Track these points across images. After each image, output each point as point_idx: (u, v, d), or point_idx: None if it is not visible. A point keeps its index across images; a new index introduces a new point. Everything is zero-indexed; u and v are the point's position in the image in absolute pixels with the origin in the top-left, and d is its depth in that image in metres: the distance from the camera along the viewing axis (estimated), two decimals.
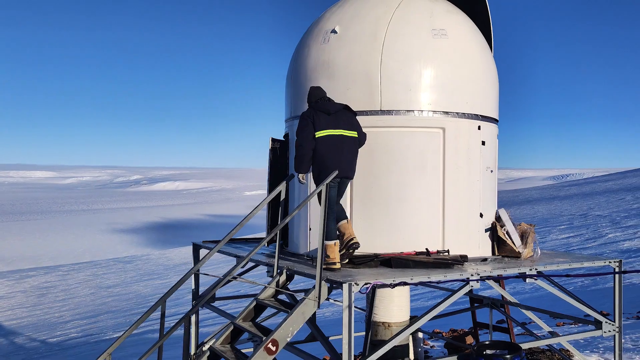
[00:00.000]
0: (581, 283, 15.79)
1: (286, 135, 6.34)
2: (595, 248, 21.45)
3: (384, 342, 5.07)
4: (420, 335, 7.25)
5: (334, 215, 5.11)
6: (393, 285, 4.34)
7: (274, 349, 4.28)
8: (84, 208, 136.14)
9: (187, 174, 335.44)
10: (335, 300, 4.90)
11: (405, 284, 4.35)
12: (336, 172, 4.91)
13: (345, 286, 4.35)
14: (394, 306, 6.13)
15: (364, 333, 5.76)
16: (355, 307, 7.19)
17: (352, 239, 5.09)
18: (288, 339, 4.38)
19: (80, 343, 21.42)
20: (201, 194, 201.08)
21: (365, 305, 5.96)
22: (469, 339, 7.97)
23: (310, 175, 5.31)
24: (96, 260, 55.76)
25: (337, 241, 5.09)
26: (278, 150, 6.29)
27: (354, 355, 8.37)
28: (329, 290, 4.61)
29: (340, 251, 5.13)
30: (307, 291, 4.59)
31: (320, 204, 4.79)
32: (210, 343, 6.93)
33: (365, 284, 4.40)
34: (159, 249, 68.33)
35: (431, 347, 9.32)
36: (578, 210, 37.60)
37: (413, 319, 5.67)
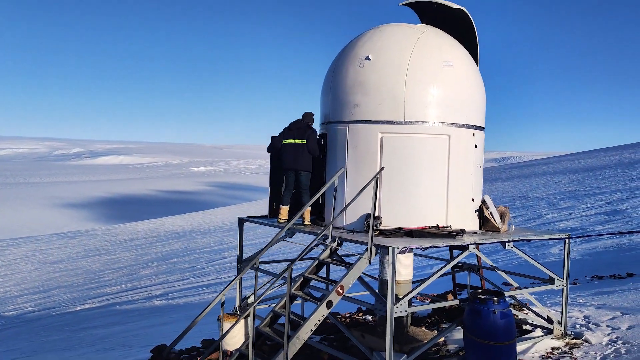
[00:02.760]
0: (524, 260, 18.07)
1: (324, 135, 8.12)
2: (535, 228, 23.89)
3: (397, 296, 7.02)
4: None
5: (288, 190, 8.17)
6: (425, 249, 6.27)
7: (341, 291, 6.15)
8: (21, 181, 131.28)
9: (132, 148, 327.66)
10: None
11: (434, 247, 6.29)
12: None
13: (390, 249, 6.26)
14: (401, 268, 8.07)
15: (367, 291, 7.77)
16: (365, 273, 9.13)
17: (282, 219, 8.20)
18: (349, 286, 6.25)
19: (42, 316, 22.02)
20: (146, 169, 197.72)
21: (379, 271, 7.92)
22: (450, 297, 10.06)
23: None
24: (36, 236, 54.31)
25: (288, 207, 8.17)
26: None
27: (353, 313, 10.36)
28: (376, 252, 6.50)
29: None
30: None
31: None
32: (251, 299, 8.72)
33: (403, 247, 6.31)
34: (105, 224, 67.35)
35: None
36: (519, 192, 40.28)
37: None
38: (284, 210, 8.19)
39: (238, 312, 8.71)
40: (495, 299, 6.73)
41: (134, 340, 15.00)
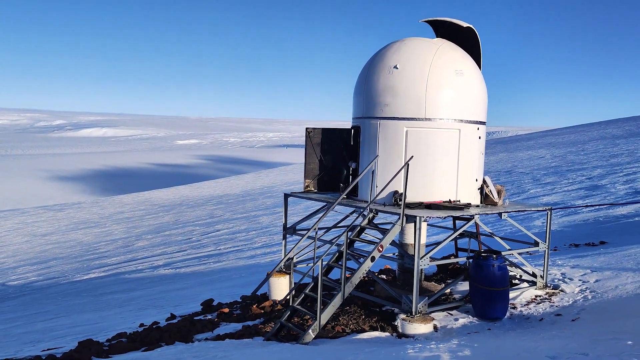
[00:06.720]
0: (511, 229, 19.87)
1: (357, 127, 10.07)
2: (520, 202, 25.26)
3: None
4: None
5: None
6: (444, 218, 8.32)
7: (381, 249, 8.20)
8: (2, 153, 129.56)
9: (115, 120, 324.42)
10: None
11: (452, 216, 8.35)
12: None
13: (417, 218, 8.32)
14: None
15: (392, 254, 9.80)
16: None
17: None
18: (387, 245, 8.30)
19: (50, 285, 22.91)
20: (131, 142, 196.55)
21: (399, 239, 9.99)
22: (452, 258, 12.18)
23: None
24: (22, 208, 53.75)
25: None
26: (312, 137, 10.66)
27: (375, 272, 12.44)
28: (406, 221, 8.55)
29: None
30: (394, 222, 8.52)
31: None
32: (292, 257, 10.70)
33: (427, 216, 8.36)
34: (91, 197, 67.21)
35: None
36: (504, 167, 41.39)
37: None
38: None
39: (284, 269, 10.70)
40: (494, 256, 8.84)
41: (162, 301, 16.48)
